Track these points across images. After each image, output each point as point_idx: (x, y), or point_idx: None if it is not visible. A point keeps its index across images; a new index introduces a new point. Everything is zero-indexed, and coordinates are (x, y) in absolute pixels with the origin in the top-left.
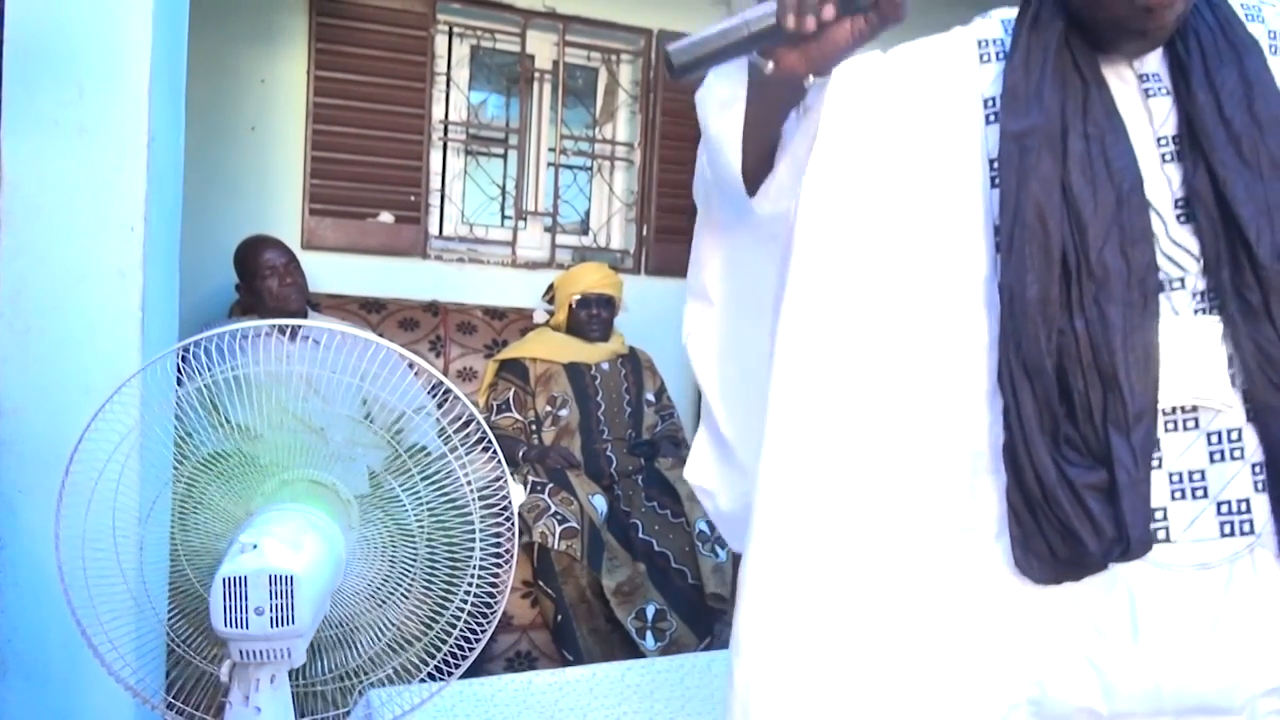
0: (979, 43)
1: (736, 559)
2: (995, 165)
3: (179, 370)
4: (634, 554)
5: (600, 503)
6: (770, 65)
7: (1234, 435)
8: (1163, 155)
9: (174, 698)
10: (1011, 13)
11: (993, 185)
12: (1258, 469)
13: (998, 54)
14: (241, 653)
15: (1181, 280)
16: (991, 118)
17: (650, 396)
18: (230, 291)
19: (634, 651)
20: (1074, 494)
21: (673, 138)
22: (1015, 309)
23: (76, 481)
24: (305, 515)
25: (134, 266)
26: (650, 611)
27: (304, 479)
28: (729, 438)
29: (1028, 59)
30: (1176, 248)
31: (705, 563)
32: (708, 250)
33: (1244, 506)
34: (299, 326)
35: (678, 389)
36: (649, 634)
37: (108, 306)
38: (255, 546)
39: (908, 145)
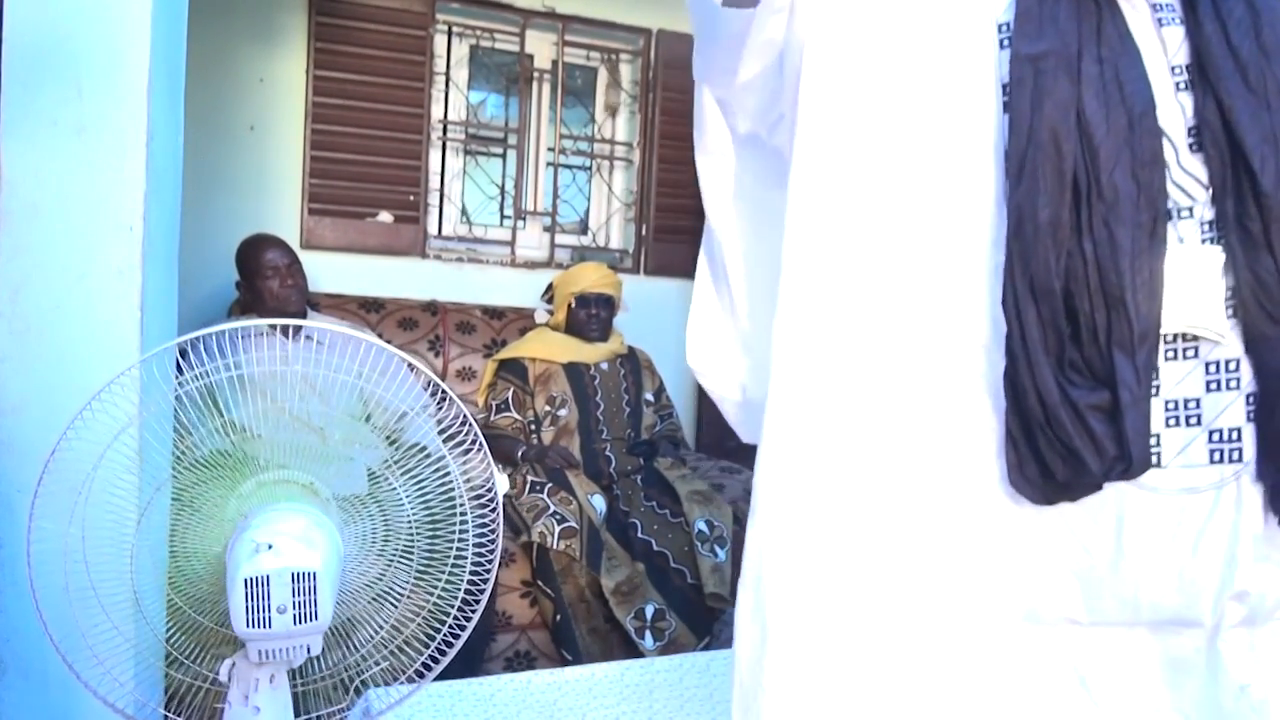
0: None
1: (735, 559)
2: (1008, 89)
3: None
4: (633, 554)
5: (599, 502)
6: None
7: (1231, 365)
8: (1176, 84)
9: (171, 700)
10: None
11: (1004, 110)
12: (1250, 399)
13: None
14: (261, 653)
15: (1190, 209)
16: (1005, 42)
17: (649, 396)
18: (230, 291)
19: (633, 651)
20: (1077, 414)
21: (672, 138)
22: (1025, 231)
23: (74, 481)
24: (305, 513)
25: (133, 266)
26: (649, 611)
27: (279, 479)
28: (747, 329)
29: None
30: (1187, 176)
31: (704, 562)
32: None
33: (1235, 435)
34: (299, 326)
35: (677, 389)
36: (648, 634)
37: (107, 306)
38: (270, 546)
39: (917, 66)
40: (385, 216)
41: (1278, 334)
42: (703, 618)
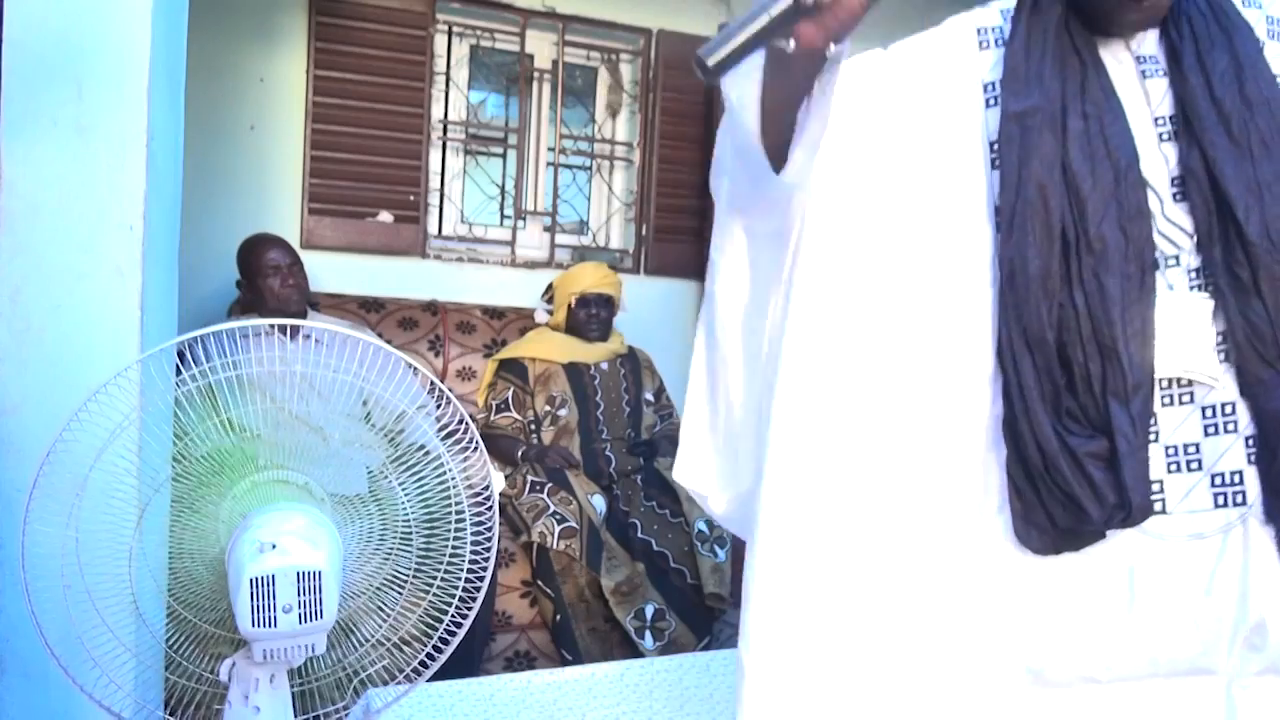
0: (978, 30)
1: (735, 559)
2: (995, 147)
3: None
4: (633, 554)
5: (599, 502)
6: (792, 44)
7: (1228, 409)
8: (1160, 135)
9: (171, 701)
10: (1010, 2)
11: (993, 167)
12: (1250, 442)
13: (997, 40)
14: (265, 653)
15: (1176, 258)
16: (991, 101)
17: (649, 396)
18: (230, 290)
19: (633, 651)
20: (1076, 462)
21: (672, 138)
22: (1017, 283)
23: (74, 481)
24: (305, 513)
25: (133, 265)
26: (649, 611)
27: (275, 479)
28: (735, 424)
29: (1028, 42)
30: (1171, 225)
31: (704, 562)
32: (724, 238)
33: (1237, 478)
34: (299, 326)
35: (677, 389)
36: (648, 634)
37: (107, 306)
38: (274, 546)
39: (910, 133)
40: (385, 216)
41: (1272, 377)
42: (702, 618)
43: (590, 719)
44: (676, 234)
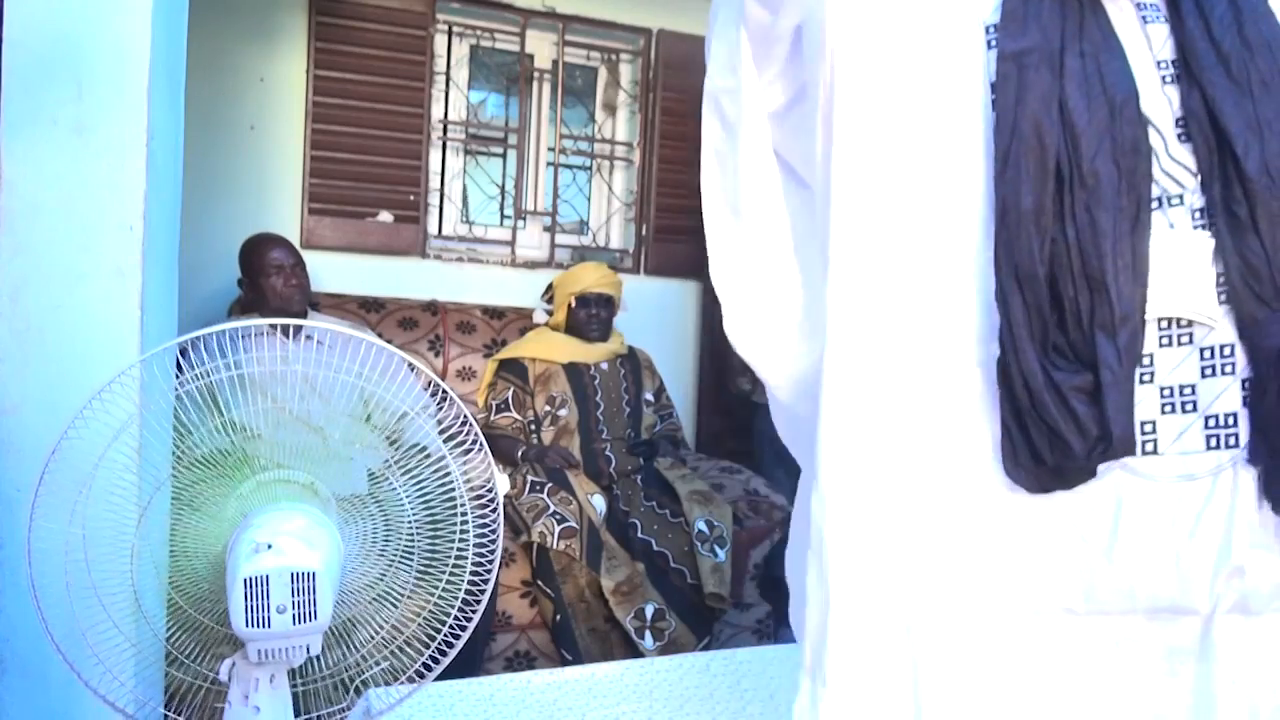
0: None
1: (735, 559)
2: (994, 88)
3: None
4: (633, 554)
5: (599, 502)
6: None
7: (1226, 351)
8: (1163, 77)
9: (173, 700)
10: None
11: (993, 108)
12: (1246, 384)
13: None
14: (260, 653)
15: (1180, 196)
16: (992, 43)
17: (649, 396)
18: (230, 290)
19: (633, 651)
20: (1060, 397)
21: (672, 138)
22: (1009, 220)
23: (75, 480)
24: (305, 513)
25: (133, 265)
26: (649, 611)
27: (279, 479)
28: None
29: None
30: (1175, 164)
31: (704, 562)
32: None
33: (1231, 420)
34: (299, 326)
35: (676, 389)
36: (648, 634)
37: (107, 306)
38: (270, 546)
39: (912, 74)
40: (385, 216)
41: (1267, 316)
42: (702, 618)
43: (590, 719)
44: (676, 234)
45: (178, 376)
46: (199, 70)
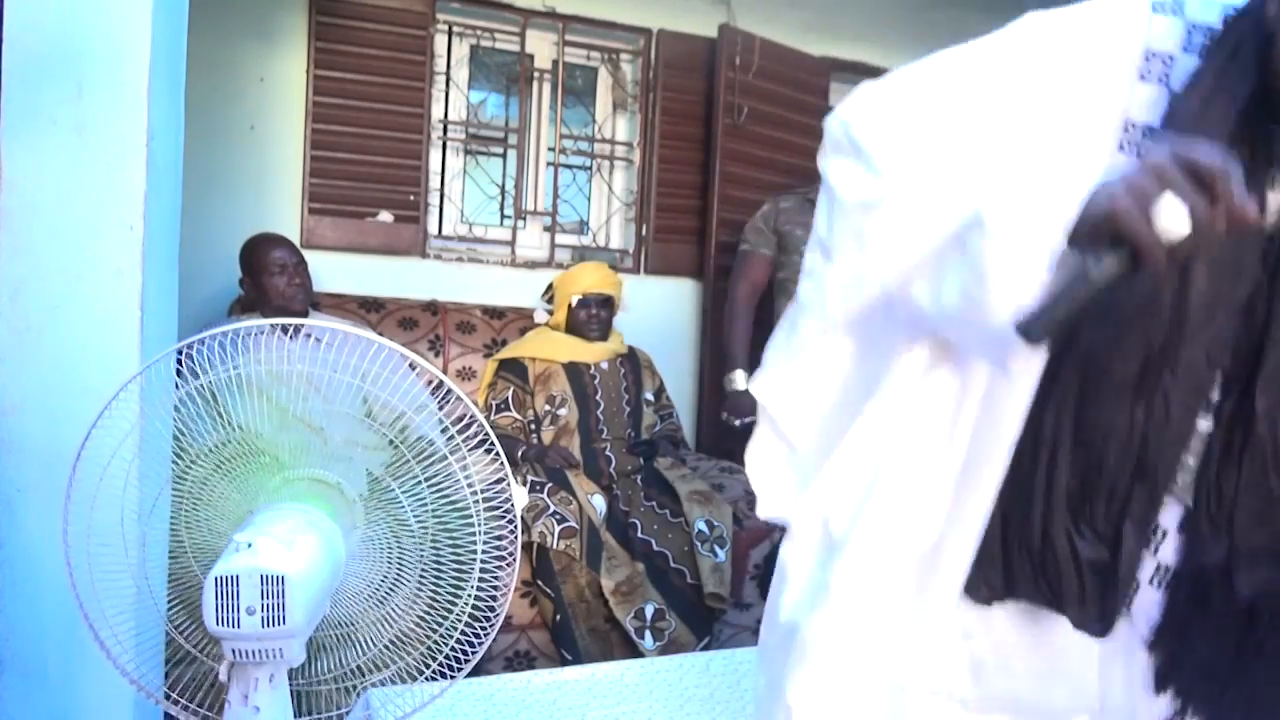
0: (1145, 55)
1: (735, 559)
2: None
3: (180, 367)
4: (633, 553)
5: (599, 502)
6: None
7: (1160, 533)
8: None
9: (183, 696)
10: (1201, 15)
11: None
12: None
13: (1161, 78)
14: (235, 652)
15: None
16: (1126, 146)
17: (649, 396)
18: (230, 290)
19: (633, 651)
20: (1077, 569)
21: (672, 138)
22: (1090, 376)
23: (79, 479)
24: (305, 514)
25: (133, 265)
26: (649, 611)
27: (307, 477)
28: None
29: (1203, 110)
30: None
31: (704, 562)
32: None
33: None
34: (300, 325)
35: (677, 389)
36: (648, 634)
37: (107, 306)
38: (250, 545)
39: (1034, 139)
40: (385, 216)
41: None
42: (702, 618)
43: (590, 719)
44: (676, 234)
45: (180, 374)
46: (199, 70)
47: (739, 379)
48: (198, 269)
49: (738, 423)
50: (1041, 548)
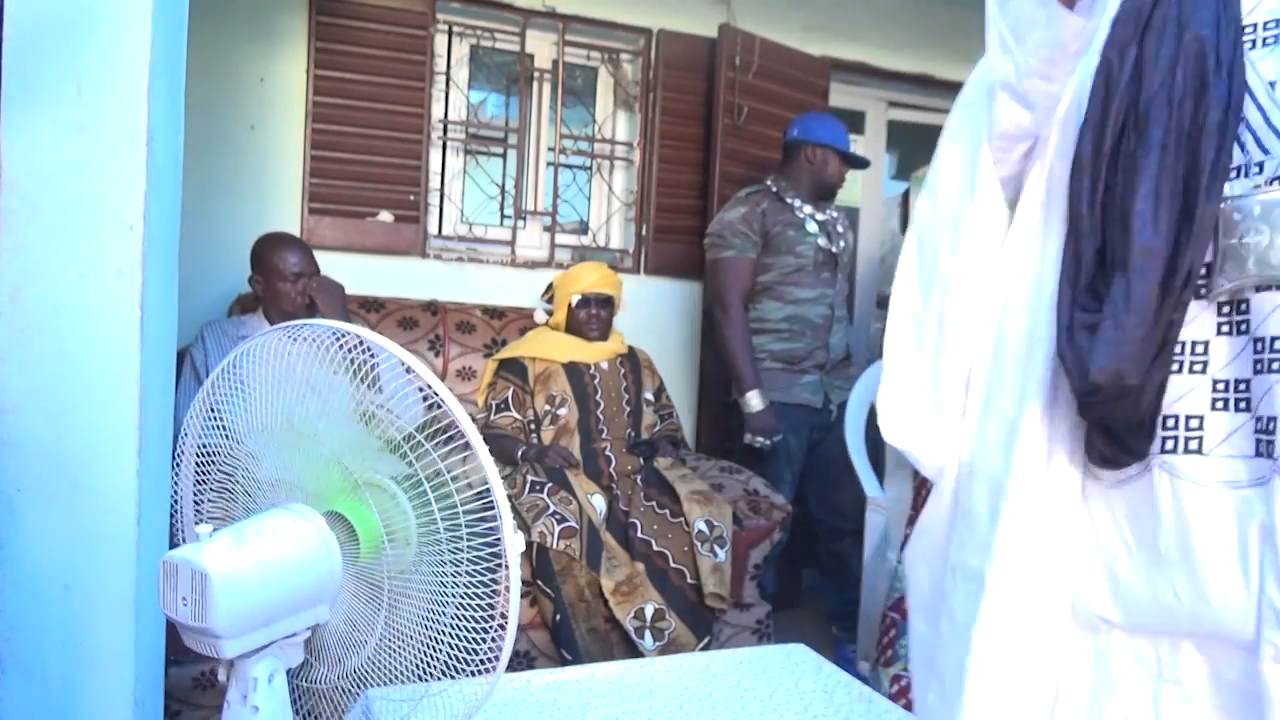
0: None
1: (735, 559)
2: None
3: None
4: (633, 553)
5: (599, 502)
6: None
7: (1277, 344)
8: (1264, 39)
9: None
10: None
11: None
12: None
13: None
14: (187, 637)
15: (1261, 165)
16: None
17: (649, 396)
18: (231, 290)
19: (632, 651)
20: (1070, 333)
21: (672, 138)
22: (1073, 169)
23: (76, 479)
24: (288, 516)
25: (133, 265)
26: (649, 611)
27: (372, 483)
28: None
29: None
30: (1269, 129)
31: (704, 562)
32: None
33: (1273, 425)
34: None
35: (677, 389)
36: (648, 633)
37: (107, 305)
38: (210, 535)
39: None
40: (385, 216)
41: None
42: (702, 618)
43: (590, 719)
44: (676, 234)
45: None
46: (199, 70)
47: (755, 400)
48: (198, 269)
49: (761, 442)
50: (1059, 334)
